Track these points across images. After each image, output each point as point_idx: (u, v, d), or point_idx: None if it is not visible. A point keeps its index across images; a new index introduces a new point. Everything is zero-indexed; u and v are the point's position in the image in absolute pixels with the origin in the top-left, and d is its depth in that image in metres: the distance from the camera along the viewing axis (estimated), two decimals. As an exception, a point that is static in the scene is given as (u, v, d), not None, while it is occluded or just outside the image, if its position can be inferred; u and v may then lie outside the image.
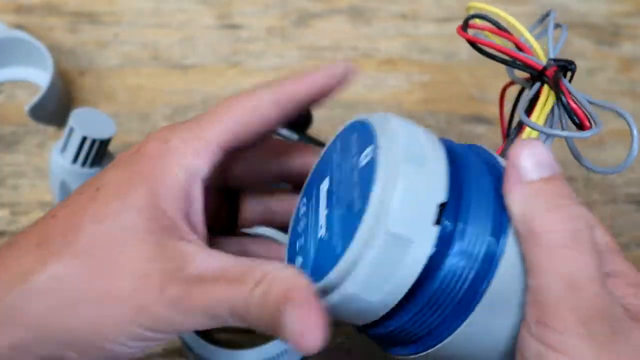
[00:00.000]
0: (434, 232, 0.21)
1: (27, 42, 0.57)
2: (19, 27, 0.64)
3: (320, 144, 0.49)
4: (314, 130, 0.57)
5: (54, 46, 0.63)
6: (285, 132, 0.49)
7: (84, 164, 0.46)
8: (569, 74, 0.29)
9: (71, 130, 0.45)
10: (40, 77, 0.59)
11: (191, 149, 0.21)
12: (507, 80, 0.63)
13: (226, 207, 0.27)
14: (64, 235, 0.20)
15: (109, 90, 0.60)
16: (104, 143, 0.46)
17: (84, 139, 0.45)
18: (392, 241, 0.20)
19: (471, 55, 0.66)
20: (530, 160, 0.21)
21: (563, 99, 0.27)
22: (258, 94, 0.24)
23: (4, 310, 0.20)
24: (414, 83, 0.62)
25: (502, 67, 0.64)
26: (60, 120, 0.57)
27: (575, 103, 0.28)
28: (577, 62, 0.64)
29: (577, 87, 0.62)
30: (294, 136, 0.49)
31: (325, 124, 0.58)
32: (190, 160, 0.21)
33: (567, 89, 0.27)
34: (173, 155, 0.21)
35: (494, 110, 0.61)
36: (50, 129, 0.57)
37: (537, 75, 0.28)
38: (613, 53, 0.65)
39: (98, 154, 0.46)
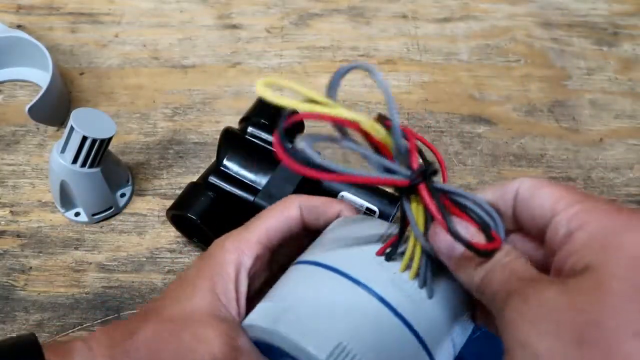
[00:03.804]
0: None
1: (27, 42, 0.57)
2: (19, 27, 0.64)
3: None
4: (313, 130, 0.57)
5: (54, 46, 0.63)
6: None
7: (84, 164, 0.46)
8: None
9: (71, 130, 0.45)
10: (40, 77, 0.59)
11: (238, 249, 0.31)
12: (508, 82, 0.63)
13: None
14: (156, 309, 0.30)
15: (109, 90, 0.60)
16: (104, 143, 0.46)
17: (84, 139, 0.44)
18: None
19: (471, 55, 0.66)
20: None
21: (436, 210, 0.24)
22: (291, 203, 0.33)
23: (118, 353, 0.29)
24: (414, 83, 0.62)
25: (502, 67, 0.64)
26: (60, 120, 0.57)
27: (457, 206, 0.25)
28: (577, 62, 0.64)
29: (578, 87, 0.62)
30: (288, 144, 0.48)
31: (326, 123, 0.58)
32: (237, 258, 0.31)
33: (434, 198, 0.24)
34: (226, 255, 0.31)
35: (494, 110, 0.62)
36: (50, 129, 0.57)
37: (406, 191, 0.25)
38: (613, 53, 0.65)
39: (98, 154, 0.46)
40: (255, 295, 0.31)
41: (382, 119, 0.25)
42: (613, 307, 0.19)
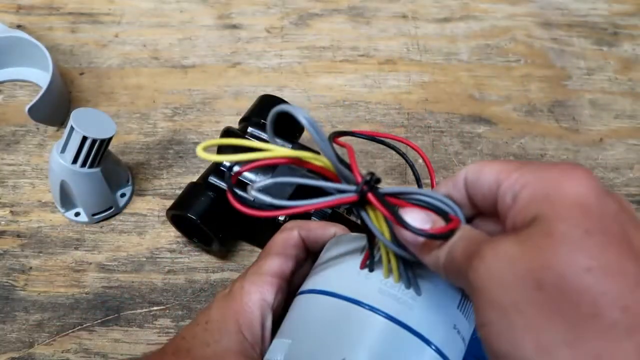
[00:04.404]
0: None
1: (27, 42, 0.57)
2: (19, 27, 0.64)
3: (312, 151, 0.49)
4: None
5: (54, 46, 0.63)
6: (279, 141, 0.49)
7: (84, 164, 0.46)
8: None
9: (71, 130, 0.45)
10: (40, 77, 0.59)
11: (259, 288, 0.32)
12: (508, 82, 0.63)
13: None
14: (186, 348, 0.31)
15: (109, 90, 0.60)
16: (104, 143, 0.46)
17: (84, 139, 0.44)
18: None
19: (471, 55, 0.66)
20: None
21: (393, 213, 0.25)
22: (291, 231, 0.35)
23: None
24: (414, 83, 0.62)
25: (502, 67, 0.64)
26: (60, 120, 0.57)
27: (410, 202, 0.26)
28: (577, 62, 0.64)
29: (578, 87, 0.62)
30: (287, 145, 0.48)
31: (325, 123, 0.58)
32: (260, 297, 0.32)
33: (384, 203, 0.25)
34: (248, 296, 0.32)
35: (494, 110, 0.62)
36: (50, 129, 0.57)
37: (359, 204, 0.26)
38: (613, 53, 0.65)
39: (98, 154, 0.46)
40: (278, 321, 0.32)
41: (333, 137, 0.28)
42: (563, 249, 0.20)
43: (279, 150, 0.26)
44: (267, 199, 0.25)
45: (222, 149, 0.47)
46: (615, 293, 0.19)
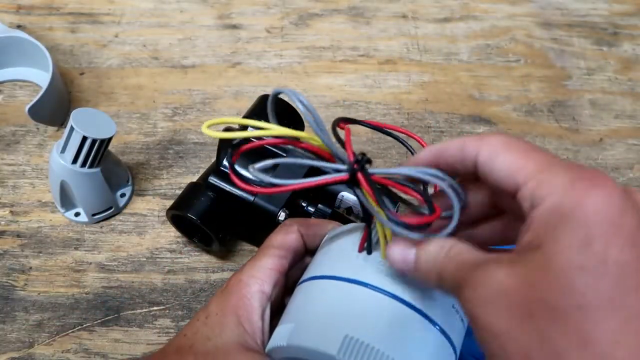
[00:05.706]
0: None
1: (27, 42, 0.57)
2: (19, 27, 0.64)
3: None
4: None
5: (54, 46, 0.63)
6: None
7: (84, 164, 0.46)
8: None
9: (71, 130, 0.45)
10: (40, 77, 0.59)
11: (258, 280, 0.33)
12: (508, 82, 0.63)
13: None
14: (188, 345, 0.32)
15: (109, 90, 0.60)
16: (104, 143, 0.46)
17: (84, 139, 0.44)
18: None
19: (471, 55, 0.66)
20: None
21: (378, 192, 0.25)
22: (290, 227, 0.36)
23: None
24: (414, 83, 0.62)
25: (502, 67, 0.64)
26: (60, 120, 0.57)
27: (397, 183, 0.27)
28: (577, 62, 0.64)
29: (578, 87, 0.62)
30: (288, 146, 0.48)
31: (325, 123, 0.58)
32: (259, 288, 0.33)
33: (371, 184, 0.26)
34: (247, 288, 0.33)
35: (494, 110, 0.62)
36: (50, 129, 0.57)
37: (350, 183, 0.26)
38: (613, 53, 0.65)
39: (98, 154, 0.46)
40: (275, 314, 0.33)
41: (339, 122, 0.29)
42: (558, 284, 0.20)
43: (279, 129, 0.26)
44: (266, 177, 0.25)
45: (222, 150, 0.47)
46: (609, 329, 0.20)
